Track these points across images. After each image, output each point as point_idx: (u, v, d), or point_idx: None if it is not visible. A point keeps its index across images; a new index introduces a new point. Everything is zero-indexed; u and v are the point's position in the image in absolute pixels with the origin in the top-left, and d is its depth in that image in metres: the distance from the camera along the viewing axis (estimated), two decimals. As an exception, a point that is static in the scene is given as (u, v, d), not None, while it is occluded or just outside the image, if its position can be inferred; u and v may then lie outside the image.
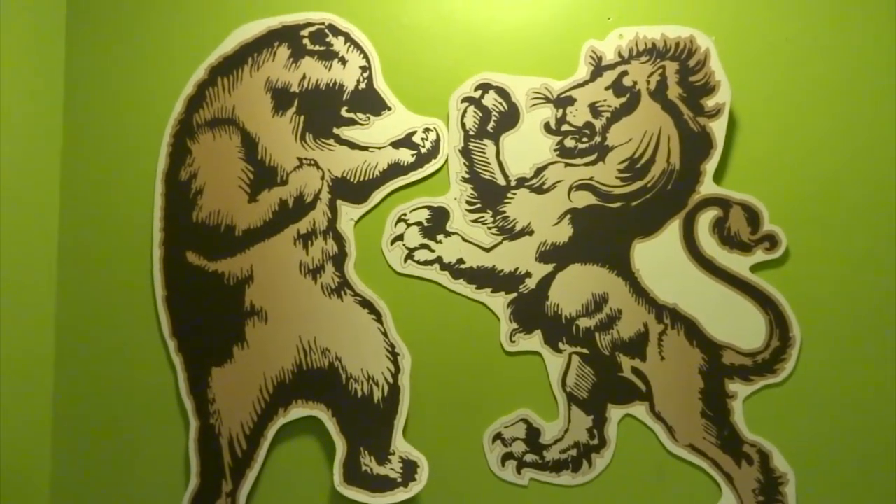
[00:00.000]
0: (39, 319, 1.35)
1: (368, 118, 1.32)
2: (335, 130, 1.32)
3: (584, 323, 1.26)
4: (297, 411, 1.29)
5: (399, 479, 1.25)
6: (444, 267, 1.29)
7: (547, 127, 1.28)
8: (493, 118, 1.29)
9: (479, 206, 1.29)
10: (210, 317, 1.31)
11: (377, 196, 1.31)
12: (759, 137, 1.25)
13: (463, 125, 1.30)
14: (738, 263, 1.23)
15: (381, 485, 1.25)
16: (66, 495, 1.34)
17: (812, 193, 1.24)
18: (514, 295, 1.28)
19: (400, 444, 1.27)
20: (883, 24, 1.24)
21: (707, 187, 1.24)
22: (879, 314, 1.22)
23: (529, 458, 1.26)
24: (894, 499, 1.19)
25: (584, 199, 1.27)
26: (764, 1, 1.27)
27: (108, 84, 1.39)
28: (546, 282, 1.27)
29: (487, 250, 1.28)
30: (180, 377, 1.31)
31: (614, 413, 1.25)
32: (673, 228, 1.25)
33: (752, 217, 1.23)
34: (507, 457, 1.27)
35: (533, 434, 1.26)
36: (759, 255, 1.23)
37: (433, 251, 1.29)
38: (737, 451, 1.22)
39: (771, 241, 1.23)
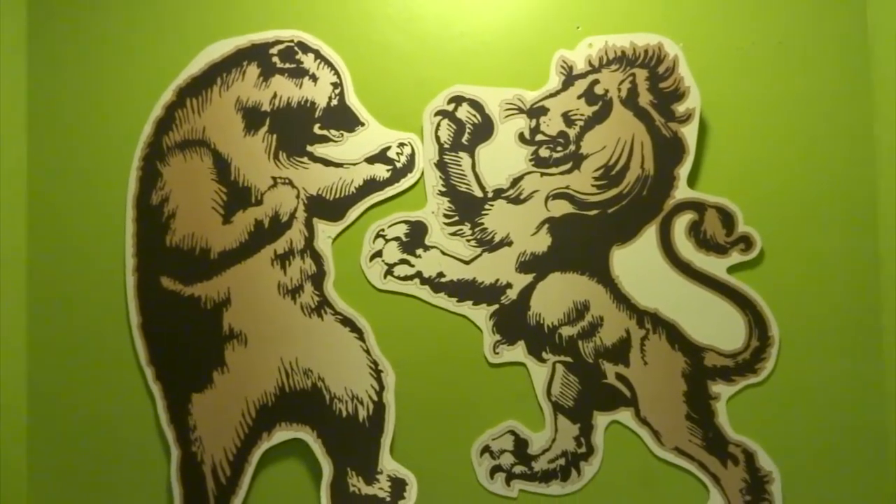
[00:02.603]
0: (10, 353, 1.31)
1: (342, 135, 1.31)
2: (309, 148, 1.30)
3: (567, 331, 1.26)
4: (281, 434, 1.27)
5: (388, 499, 1.24)
6: (425, 281, 1.28)
7: (521, 137, 1.28)
8: (468, 130, 1.29)
9: (456, 218, 1.29)
10: (188, 342, 1.28)
11: (354, 213, 1.30)
12: (730, 141, 1.27)
13: (437, 138, 1.29)
14: (714, 266, 1.25)
15: (370, 505, 1.24)
16: (44, 533, 1.31)
17: (784, 193, 1.26)
18: (496, 306, 1.28)
19: (387, 463, 1.26)
20: (852, 26, 1.27)
21: (682, 192, 1.25)
22: (856, 310, 1.24)
23: (518, 469, 1.26)
24: (879, 493, 1.22)
25: (562, 208, 1.27)
26: (730, 7, 1.29)
27: (74, 108, 1.35)
28: (527, 292, 1.27)
29: (467, 263, 1.28)
30: (159, 405, 1.28)
31: (600, 420, 1.26)
32: (650, 234, 1.26)
33: (727, 219, 1.25)
34: (495, 469, 1.26)
35: (521, 445, 1.26)
36: (735, 257, 1.24)
37: (413, 266, 1.29)
38: (722, 451, 1.23)
39: (746, 242, 1.24)
